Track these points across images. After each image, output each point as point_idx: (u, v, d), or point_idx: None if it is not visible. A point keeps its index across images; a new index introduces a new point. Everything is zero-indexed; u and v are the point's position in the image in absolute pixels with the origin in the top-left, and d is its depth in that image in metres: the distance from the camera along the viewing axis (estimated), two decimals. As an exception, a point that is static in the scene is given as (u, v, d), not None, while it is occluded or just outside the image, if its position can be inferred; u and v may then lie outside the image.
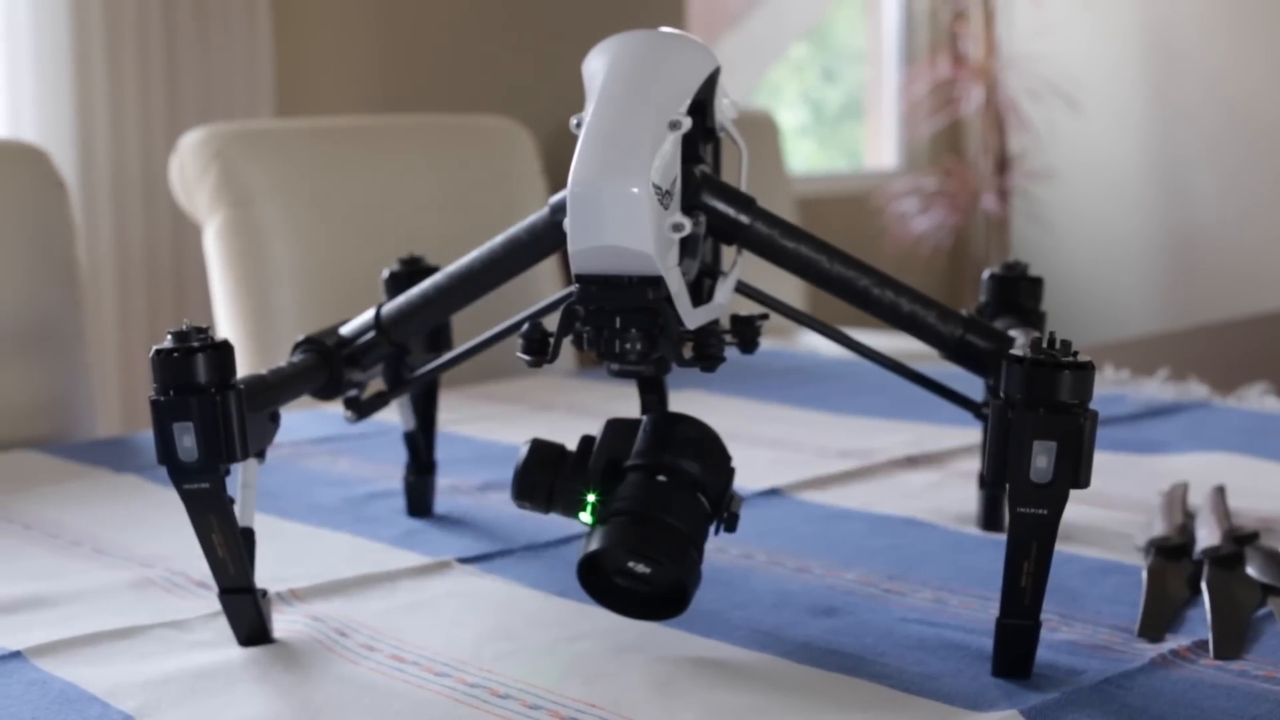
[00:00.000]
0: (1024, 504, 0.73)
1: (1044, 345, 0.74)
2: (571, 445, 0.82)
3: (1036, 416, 0.72)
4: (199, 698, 0.74)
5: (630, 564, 0.76)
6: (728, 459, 0.81)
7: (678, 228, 0.77)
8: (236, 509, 0.80)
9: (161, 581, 0.93)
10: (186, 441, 0.76)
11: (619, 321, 0.78)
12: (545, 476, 0.81)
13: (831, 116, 4.43)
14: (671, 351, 0.79)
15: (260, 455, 0.85)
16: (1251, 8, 3.85)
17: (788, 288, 1.94)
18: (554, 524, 0.98)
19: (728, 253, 0.91)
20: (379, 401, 0.97)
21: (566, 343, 0.80)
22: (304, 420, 1.38)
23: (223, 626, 0.82)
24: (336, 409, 1.04)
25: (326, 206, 1.89)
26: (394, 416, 1.09)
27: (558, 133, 2.52)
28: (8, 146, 1.59)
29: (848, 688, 0.74)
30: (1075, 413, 0.73)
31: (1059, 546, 0.75)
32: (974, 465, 1.16)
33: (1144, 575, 0.91)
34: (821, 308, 1.36)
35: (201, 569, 0.81)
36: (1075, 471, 0.73)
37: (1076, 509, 0.78)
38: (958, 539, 1.02)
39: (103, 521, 1.07)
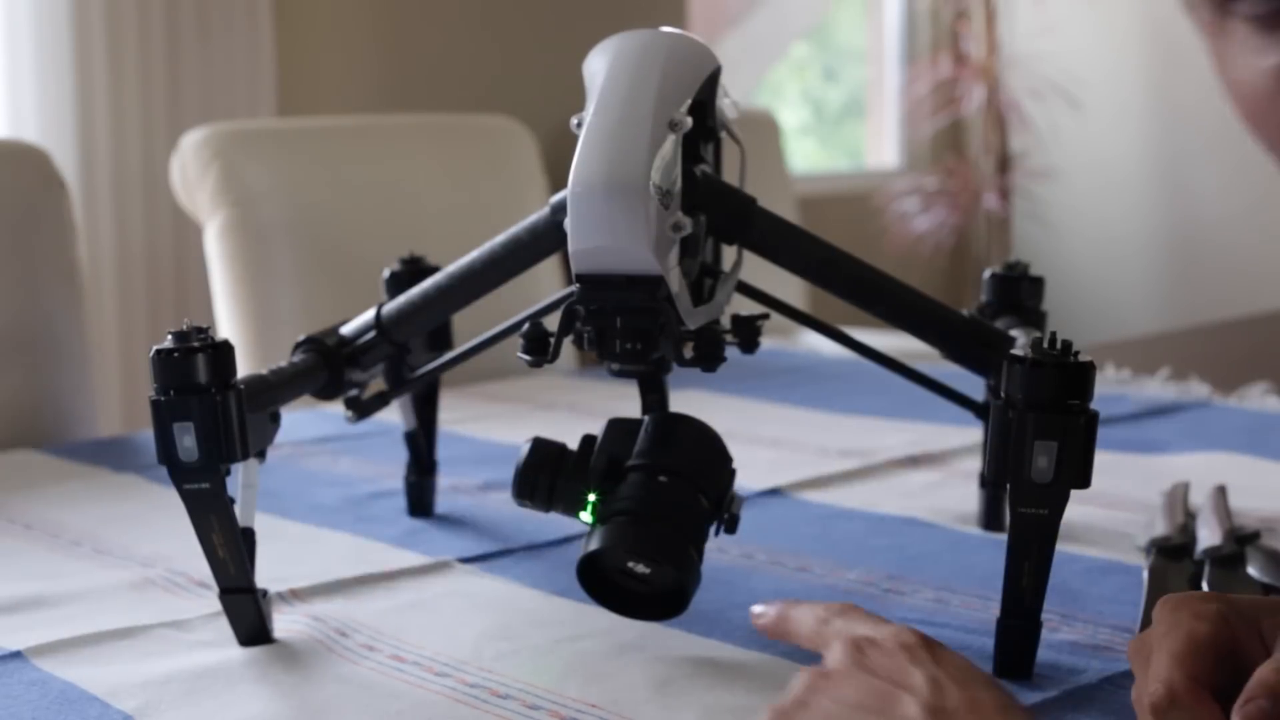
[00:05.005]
0: (1025, 504, 0.73)
1: (1045, 345, 0.74)
2: (573, 444, 0.82)
3: (1037, 416, 0.72)
4: (199, 698, 0.74)
5: (630, 564, 0.76)
6: (728, 459, 0.81)
7: (678, 227, 0.77)
8: (237, 509, 0.80)
9: (162, 581, 0.92)
10: (187, 441, 0.76)
11: (619, 321, 0.78)
12: (546, 475, 0.81)
13: (833, 116, 4.43)
14: (672, 351, 0.79)
15: (261, 455, 0.85)
16: (1253, 7, 3.85)
17: (788, 288, 1.93)
18: (554, 524, 0.98)
19: (728, 252, 0.91)
20: (379, 401, 0.97)
21: (567, 342, 0.80)
22: (304, 420, 1.38)
23: (223, 626, 0.82)
24: (337, 409, 1.04)
25: (327, 206, 1.89)
26: (394, 416, 1.09)
27: (558, 133, 2.52)
28: (8, 146, 1.59)
29: (848, 688, 0.74)
30: (1076, 413, 0.72)
31: (1059, 546, 0.75)
32: (975, 465, 1.16)
33: (1145, 575, 0.91)
34: (822, 307, 1.36)
35: (202, 569, 0.81)
36: (1076, 471, 0.73)
37: (1077, 509, 0.78)
38: (958, 539, 1.02)
39: (103, 521, 1.07)
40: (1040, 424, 0.72)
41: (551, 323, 0.81)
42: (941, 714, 0.52)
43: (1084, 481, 0.73)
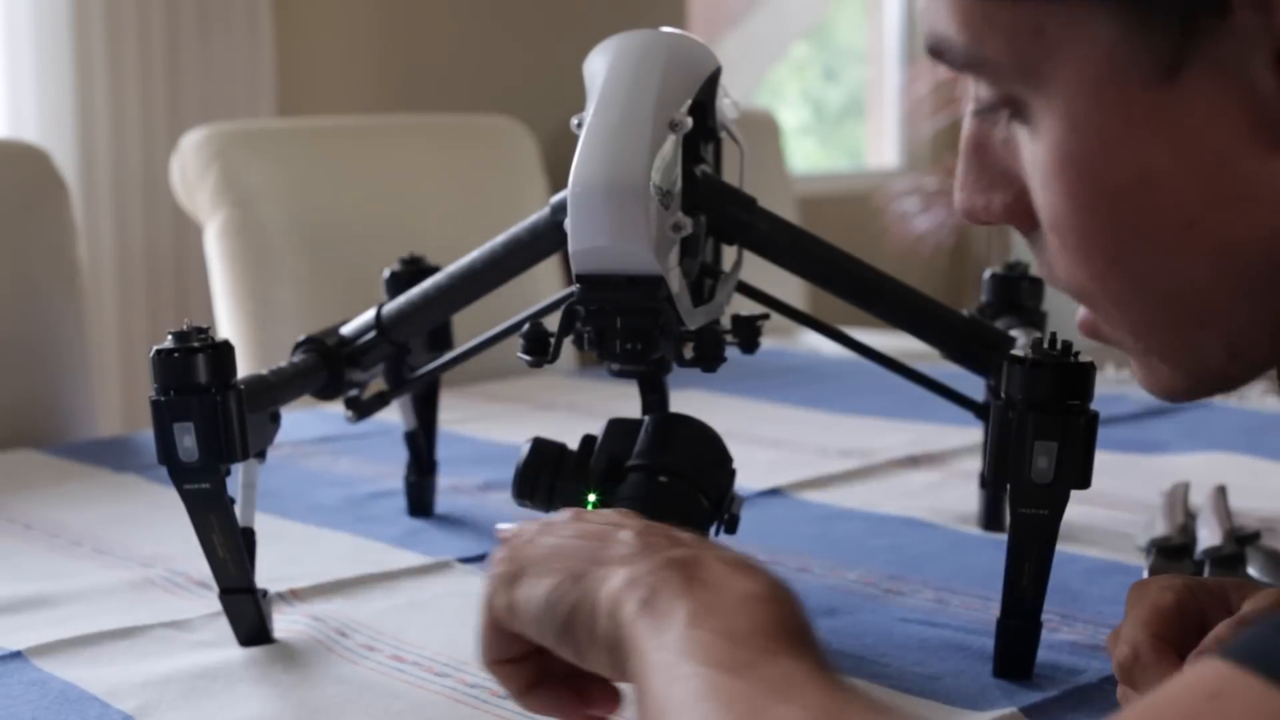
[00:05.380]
0: (1025, 504, 0.73)
1: (1045, 345, 0.74)
2: (573, 445, 0.82)
3: (1037, 417, 0.72)
4: (199, 698, 0.74)
5: (630, 564, 0.76)
6: (728, 460, 0.81)
7: (678, 228, 0.77)
8: (237, 509, 0.80)
9: (161, 581, 0.92)
10: (187, 441, 0.76)
11: (619, 321, 0.78)
12: (546, 475, 0.81)
13: (833, 116, 4.43)
14: (672, 351, 0.79)
15: (261, 455, 0.85)
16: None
17: (788, 288, 1.93)
18: (554, 524, 0.98)
19: (728, 252, 0.91)
20: (380, 401, 0.97)
21: (567, 342, 0.80)
22: (304, 420, 1.38)
23: (223, 626, 0.82)
24: (337, 409, 1.04)
25: (327, 206, 1.89)
26: (395, 416, 1.09)
27: (558, 133, 2.51)
28: (8, 146, 1.59)
29: (848, 688, 0.74)
30: (1076, 413, 0.72)
31: (1059, 546, 0.75)
32: (975, 465, 1.16)
33: (1145, 575, 0.91)
34: (821, 308, 1.36)
35: (201, 569, 0.81)
36: (1076, 472, 0.73)
37: (1077, 509, 0.78)
38: (958, 539, 1.02)
39: (103, 521, 1.07)
40: (1040, 424, 0.72)
41: (551, 323, 0.81)
42: (649, 534, 0.58)
43: (1084, 482, 0.73)
